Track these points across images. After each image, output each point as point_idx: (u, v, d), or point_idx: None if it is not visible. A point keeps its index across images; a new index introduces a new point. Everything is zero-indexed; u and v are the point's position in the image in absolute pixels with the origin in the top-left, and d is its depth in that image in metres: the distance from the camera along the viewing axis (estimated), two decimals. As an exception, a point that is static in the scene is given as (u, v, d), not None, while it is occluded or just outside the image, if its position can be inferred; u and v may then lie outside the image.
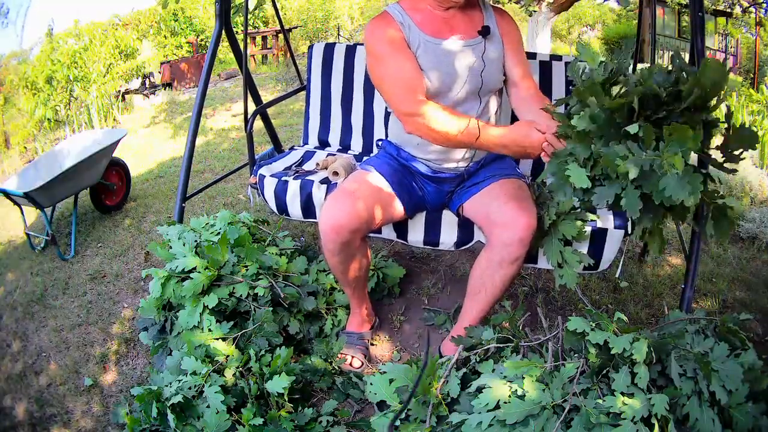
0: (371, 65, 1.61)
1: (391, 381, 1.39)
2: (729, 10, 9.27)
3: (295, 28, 9.37)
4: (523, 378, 1.20)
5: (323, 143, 2.47)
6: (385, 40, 1.55)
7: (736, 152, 1.14)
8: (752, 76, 8.41)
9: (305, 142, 2.51)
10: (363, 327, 1.91)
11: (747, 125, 1.19)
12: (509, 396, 1.17)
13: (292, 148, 2.45)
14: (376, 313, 2.03)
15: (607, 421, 1.08)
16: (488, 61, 1.59)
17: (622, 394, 1.11)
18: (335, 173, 1.99)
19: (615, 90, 1.18)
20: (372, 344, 1.94)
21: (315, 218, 1.99)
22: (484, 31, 1.58)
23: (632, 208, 1.13)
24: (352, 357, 1.82)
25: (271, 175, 2.02)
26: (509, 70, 1.64)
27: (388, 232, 1.87)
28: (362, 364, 1.82)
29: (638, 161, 1.09)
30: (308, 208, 1.97)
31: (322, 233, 1.58)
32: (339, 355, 1.82)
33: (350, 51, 2.37)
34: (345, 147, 2.44)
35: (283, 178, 1.99)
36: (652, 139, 1.09)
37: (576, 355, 1.27)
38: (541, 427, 1.12)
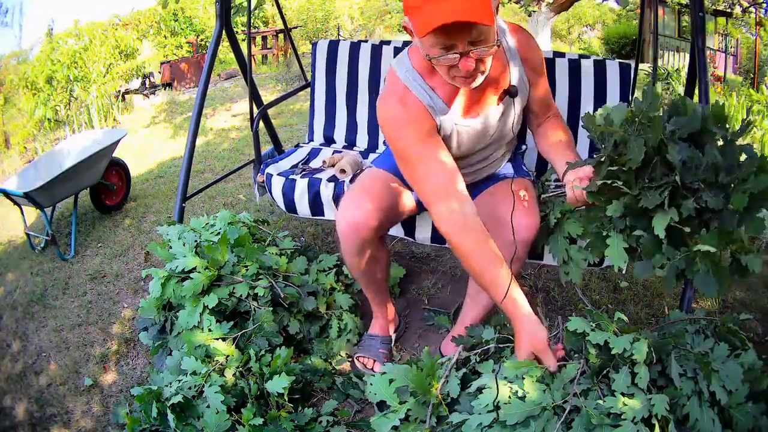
0: (397, 156, 1.39)
1: (391, 381, 1.39)
2: (729, 10, 9.27)
3: (295, 28, 9.37)
4: (524, 378, 1.20)
5: (328, 140, 2.48)
6: (413, 135, 1.33)
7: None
8: (752, 76, 8.42)
9: (310, 139, 2.52)
10: (387, 330, 1.88)
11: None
12: (509, 397, 1.17)
13: (297, 146, 2.45)
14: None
15: (607, 422, 1.08)
16: (514, 120, 1.50)
17: (623, 394, 1.11)
18: (342, 171, 1.99)
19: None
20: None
21: (323, 216, 1.99)
22: (512, 93, 1.42)
23: (669, 286, 1.14)
24: (374, 362, 1.79)
25: (279, 174, 2.03)
26: (530, 101, 1.52)
27: (397, 230, 1.86)
28: None
29: (674, 265, 1.10)
30: (316, 206, 1.97)
31: (340, 234, 1.55)
32: (358, 358, 1.81)
33: (354, 48, 2.37)
34: (350, 144, 2.44)
35: (291, 177, 2.00)
36: (685, 238, 1.10)
37: (576, 355, 1.27)
38: (542, 428, 1.12)
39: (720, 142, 1.09)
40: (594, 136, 1.21)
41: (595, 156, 1.26)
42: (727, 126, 1.10)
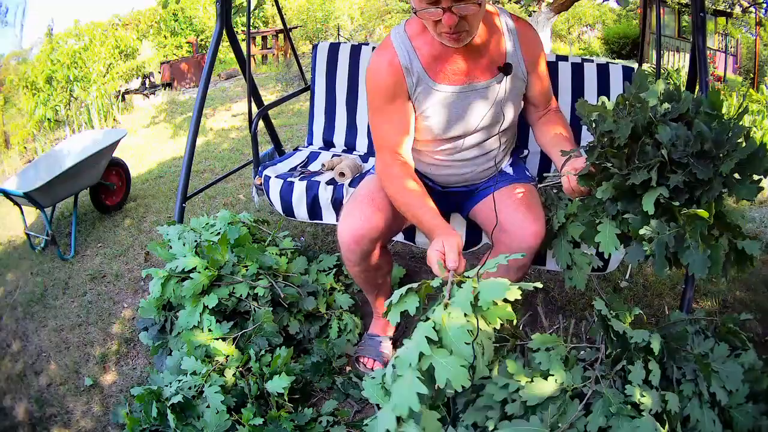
0: (368, 102, 1.51)
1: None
2: (729, 10, 9.28)
3: (295, 28, 9.37)
4: (548, 351, 1.18)
5: (328, 144, 2.47)
6: (382, 91, 1.43)
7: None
8: (752, 76, 8.42)
9: (310, 143, 2.51)
10: (388, 331, 1.88)
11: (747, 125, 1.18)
12: (532, 378, 1.15)
13: (296, 149, 2.45)
14: None
15: (627, 411, 1.07)
16: (507, 102, 1.47)
17: (639, 386, 1.10)
18: (342, 174, 1.98)
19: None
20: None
21: (321, 219, 1.98)
22: (506, 69, 1.42)
23: (661, 271, 1.12)
24: (374, 362, 1.80)
25: (277, 176, 2.02)
26: (530, 93, 1.53)
27: (397, 235, 1.86)
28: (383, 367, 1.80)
29: (662, 240, 1.09)
30: (314, 209, 1.96)
31: (342, 244, 1.53)
32: (358, 358, 1.82)
33: (355, 50, 2.36)
34: (350, 147, 2.43)
35: (289, 180, 1.99)
36: (675, 212, 1.09)
37: (586, 346, 1.27)
38: (562, 411, 1.10)
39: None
40: (587, 122, 1.22)
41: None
42: (722, 112, 1.10)
